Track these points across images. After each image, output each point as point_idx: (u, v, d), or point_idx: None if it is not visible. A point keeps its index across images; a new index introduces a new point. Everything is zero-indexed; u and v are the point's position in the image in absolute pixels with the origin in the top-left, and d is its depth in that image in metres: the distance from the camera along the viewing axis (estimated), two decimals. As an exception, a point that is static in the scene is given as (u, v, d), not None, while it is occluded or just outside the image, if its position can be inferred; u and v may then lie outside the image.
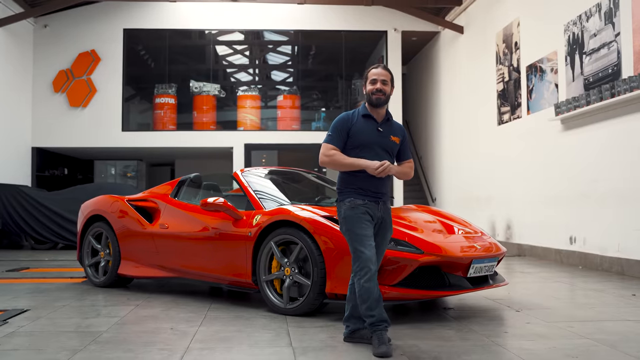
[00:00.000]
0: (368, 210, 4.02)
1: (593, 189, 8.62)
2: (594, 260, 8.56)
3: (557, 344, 4.05)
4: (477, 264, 5.06)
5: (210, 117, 15.91)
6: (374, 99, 4.09)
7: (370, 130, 4.11)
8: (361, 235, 3.93)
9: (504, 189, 11.69)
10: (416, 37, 16.03)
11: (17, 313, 5.17)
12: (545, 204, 10.02)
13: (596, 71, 8.49)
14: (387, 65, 15.28)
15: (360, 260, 3.89)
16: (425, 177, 16.77)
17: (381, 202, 4.10)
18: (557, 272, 8.26)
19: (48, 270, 8.76)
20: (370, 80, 4.12)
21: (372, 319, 3.88)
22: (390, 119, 4.23)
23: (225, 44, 17.78)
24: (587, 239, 8.81)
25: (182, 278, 6.18)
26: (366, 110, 4.16)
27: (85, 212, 7.17)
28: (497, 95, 12.00)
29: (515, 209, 11.19)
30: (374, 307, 3.88)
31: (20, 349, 3.95)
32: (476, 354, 3.81)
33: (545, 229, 10.04)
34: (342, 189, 4.12)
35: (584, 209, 8.86)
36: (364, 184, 4.04)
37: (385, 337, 3.84)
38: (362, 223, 3.97)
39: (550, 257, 9.80)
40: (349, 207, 4.01)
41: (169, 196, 6.63)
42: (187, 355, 3.78)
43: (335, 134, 4.10)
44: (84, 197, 11.70)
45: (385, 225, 4.15)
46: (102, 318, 5.05)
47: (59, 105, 15.02)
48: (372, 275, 3.87)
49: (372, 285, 3.87)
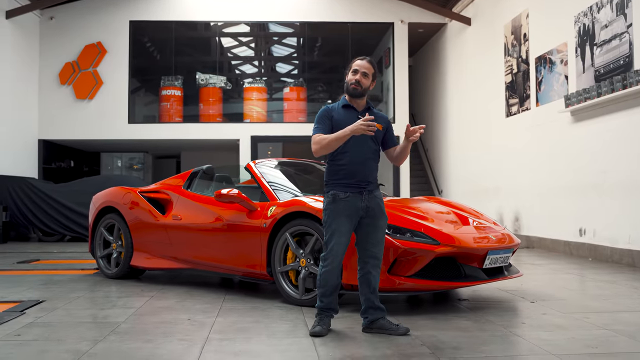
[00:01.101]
0: (349, 204, 4.07)
1: (603, 180, 8.61)
2: (604, 252, 8.56)
3: (576, 334, 4.07)
4: (493, 255, 5.07)
5: (217, 109, 15.90)
6: (350, 88, 4.18)
7: (351, 119, 4.15)
8: (335, 230, 4.06)
9: (512, 181, 11.69)
10: (423, 28, 15.99)
11: (33, 304, 5.19)
12: (554, 195, 10.02)
13: (607, 62, 8.48)
14: (394, 57, 15.30)
15: (328, 251, 4.07)
16: (432, 169, 16.76)
17: (365, 192, 4.12)
18: (567, 264, 8.27)
19: (58, 262, 8.79)
20: (352, 70, 4.20)
21: (322, 304, 4.14)
22: (371, 107, 4.30)
23: (230, 35, 17.75)
24: (597, 230, 8.81)
25: (195, 269, 6.20)
26: (346, 101, 4.25)
27: (97, 204, 7.19)
28: (505, 87, 11.97)
29: (524, 200, 11.19)
30: (328, 295, 4.13)
31: (40, 339, 3.97)
32: (496, 344, 3.82)
33: (554, 220, 10.04)
34: (327, 182, 4.20)
35: (593, 201, 8.86)
36: (347, 174, 4.10)
37: (325, 321, 4.11)
38: (340, 218, 4.06)
39: (559, 249, 9.80)
40: (331, 200, 4.10)
41: (181, 188, 6.65)
42: (207, 345, 3.80)
43: (320, 124, 4.16)
44: (91, 189, 11.74)
45: (373, 213, 4.14)
46: (118, 309, 5.07)
47: (65, 98, 15.02)
48: (335, 266, 4.07)
49: (332, 275, 4.08)
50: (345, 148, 4.10)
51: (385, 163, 15.33)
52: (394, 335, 4.04)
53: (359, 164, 4.12)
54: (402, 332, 4.05)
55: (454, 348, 3.70)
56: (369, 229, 4.14)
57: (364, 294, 4.17)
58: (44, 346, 3.79)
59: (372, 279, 4.15)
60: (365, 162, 4.15)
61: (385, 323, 4.12)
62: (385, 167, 15.57)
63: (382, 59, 16.65)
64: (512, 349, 3.77)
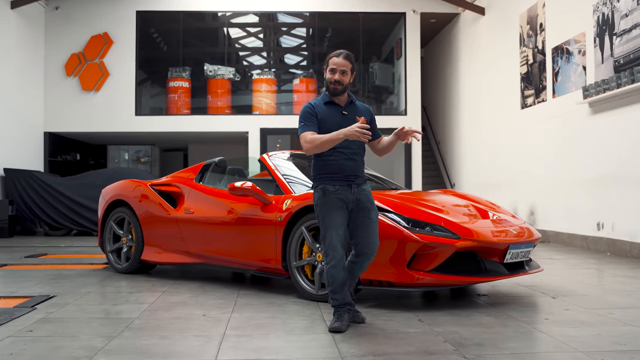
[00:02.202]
0: (340, 196, 4.11)
1: (622, 173, 8.53)
2: (623, 246, 8.49)
3: (602, 331, 4.01)
4: (514, 250, 5.02)
5: (225, 101, 15.86)
6: (331, 88, 4.22)
7: (335, 114, 4.22)
8: (330, 223, 4.08)
9: (527, 174, 11.61)
10: (435, 19, 15.88)
11: (44, 299, 5.17)
12: (570, 189, 9.94)
13: (627, 53, 8.38)
14: (405, 48, 15.21)
15: (327, 247, 4.09)
16: (444, 162, 16.68)
17: (354, 185, 4.17)
18: (585, 259, 8.21)
19: (66, 256, 8.78)
20: (329, 69, 4.22)
21: (336, 302, 4.14)
22: (353, 101, 4.34)
23: (238, 26, 17.69)
24: (616, 224, 8.74)
25: (208, 264, 6.17)
26: (327, 97, 4.28)
27: (106, 197, 7.17)
28: (520, 78, 11.88)
29: (539, 194, 11.12)
30: (338, 291, 4.12)
31: (54, 335, 3.95)
32: (520, 341, 3.78)
33: (571, 214, 9.97)
34: (315, 176, 4.24)
35: (612, 194, 8.78)
36: (335, 168, 4.14)
37: (344, 316, 4.08)
38: (333, 211, 4.10)
39: (576, 244, 9.73)
40: (322, 195, 4.15)
41: (193, 180, 6.61)
42: (225, 341, 3.77)
43: (307, 121, 4.19)
44: (98, 183, 11.78)
45: (363, 206, 4.19)
46: (131, 304, 5.04)
47: (71, 89, 15.00)
48: (338, 261, 4.06)
49: (337, 271, 4.07)
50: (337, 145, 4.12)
51: (398, 157, 15.36)
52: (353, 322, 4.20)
53: (347, 159, 4.17)
54: (359, 320, 4.22)
55: (477, 345, 3.66)
56: (360, 221, 4.18)
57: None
58: (58, 342, 3.76)
59: (357, 268, 4.25)
60: (352, 157, 4.20)
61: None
62: (398, 160, 15.52)
63: (393, 50, 16.56)
64: (537, 345, 3.72)
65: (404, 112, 15.39)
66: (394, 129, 4.28)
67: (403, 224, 4.77)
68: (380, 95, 17.27)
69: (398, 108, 16.01)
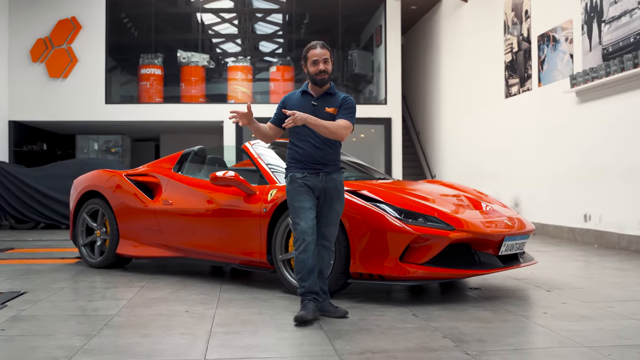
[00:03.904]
0: (307, 183, 4.21)
1: (610, 164, 8.54)
2: (611, 238, 8.51)
3: (604, 325, 3.96)
4: (509, 242, 4.96)
5: (199, 89, 15.62)
6: (318, 79, 4.30)
7: (304, 105, 4.31)
8: (298, 208, 4.18)
9: (511, 165, 11.61)
10: (416, 5, 15.79)
11: (15, 296, 4.99)
12: (556, 180, 9.95)
13: (616, 40, 8.38)
14: (385, 35, 15.13)
15: (296, 232, 4.16)
16: (424, 152, 16.65)
17: (322, 174, 4.25)
18: (573, 251, 8.21)
19: (36, 250, 8.55)
20: (311, 62, 4.30)
21: (303, 289, 4.17)
22: (331, 92, 4.37)
23: (212, 11, 17.43)
24: (603, 216, 8.75)
25: (187, 258, 6.02)
26: (306, 87, 4.40)
27: (79, 188, 6.96)
28: (504, 66, 11.86)
29: (524, 185, 11.12)
30: (306, 279, 4.15)
31: (28, 334, 3.78)
32: (522, 336, 3.71)
33: (557, 206, 9.98)
34: (287, 165, 4.37)
35: (599, 185, 8.80)
36: (303, 157, 4.24)
37: (309, 306, 4.10)
38: (300, 196, 4.20)
39: (562, 236, 9.75)
40: (290, 181, 4.27)
41: (171, 170, 6.44)
42: (212, 339, 3.64)
43: (275, 113, 4.43)
44: (66, 174, 11.49)
45: (329, 195, 4.26)
46: (108, 301, 4.88)
47: (37, 76, 14.62)
48: (307, 246, 4.12)
49: (306, 256, 4.13)
50: (303, 133, 4.24)
51: (378, 147, 15.29)
52: (332, 317, 4.16)
53: (316, 148, 4.23)
54: (341, 314, 4.19)
55: (478, 340, 3.58)
56: (324, 210, 4.26)
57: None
58: (33, 342, 3.60)
59: (322, 262, 4.27)
60: (321, 146, 4.25)
61: (325, 305, 4.22)
62: (377, 150, 15.45)
63: (373, 37, 16.46)
64: (540, 340, 3.66)
65: (384, 102, 15.30)
66: (374, 118, 4.28)
67: (394, 215, 4.68)
68: (359, 83, 17.17)
69: (378, 97, 15.92)
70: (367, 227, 4.65)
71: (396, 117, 15.09)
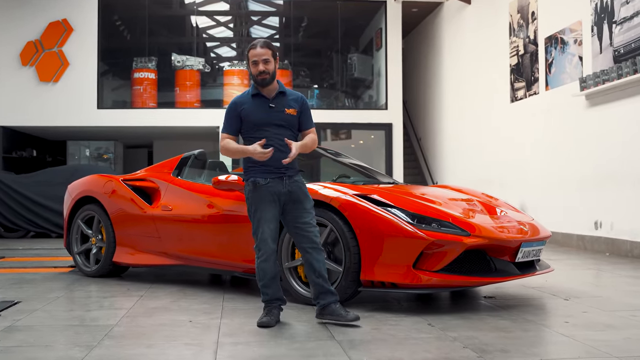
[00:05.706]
0: (271, 189, 4.20)
1: (622, 169, 8.48)
2: (623, 246, 8.43)
3: (630, 334, 3.87)
4: (526, 248, 4.87)
5: (194, 94, 15.53)
6: (259, 80, 4.26)
7: (261, 108, 4.28)
8: (260, 218, 4.20)
9: (517, 171, 11.53)
10: (417, 8, 15.75)
11: (9, 305, 4.86)
12: (565, 186, 9.88)
13: (628, 42, 8.32)
14: (386, 39, 15.07)
15: (258, 241, 4.20)
16: (426, 159, 16.58)
17: (286, 177, 4.25)
18: (585, 259, 8.13)
19: (27, 259, 8.41)
20: (252, 62, 4.27)
21: (267, 297, 4.23)
22: (284, 92, 4.35)
23: (207, 14, 17.36)
24: (615, 223, 8.68)
25: (187, 266, 5.91)
26: (255, 90, 4.33)
27: (73, 194, 6.84)
28: (510, 70, 11.81)
29: (531, 192, 11.04)
30: (269, 285, 4.21)
31: (25, 345, 3.67)
32: (546, 346, 3.63)
33: (566, 213, 9.90)
34: (246, 168, 4.32)
35: (611, 192, 8.73)
36: (268, 160, 4.17)
37: (274, 312, 4.19)
38: (264, 205, 4.20)
39: (572, 244, 9.67)
40: (252, 188, 4.24)
41: (170, 175, 6.33)
42: (220, 350, 3.53)
43: (227, 122, 4.35)
44: (57, 180, 11.37)
45: (297, 197, 4.27)
46: (106, 310, 4.77)
47: (27, 80, 14.50)
48: (269, 255, 4.18)
49: (269, 265, 4.19)
50: (264, 136, 4.18)
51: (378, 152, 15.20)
52: (342, 322, 4.10)
53: (278, 151, 4.17)
54: (352, 318, 4.10)
55: (501, 351, 3.48)
56: (296, 213, 4.26)
57: (311, 279, 4.27)
58: (31, 353, 3.49)
59: (315, 262, 4.22)
60: (283, 149, 4.20)
61: (336, 309, 4.16)
62: (378, 157, 15.36)
63: (373, 41, 16.41)
64: (566, 350, 3.56)
65: (384, 107, 15.23)
66: (374, 124, 4.22)
67: (407, 220, 4.59)
68: (359, 88, 17.11)
69: (378, 102, 15.86)
70: (378, 233, 4.55)
71: (397, 123, 15.02)
